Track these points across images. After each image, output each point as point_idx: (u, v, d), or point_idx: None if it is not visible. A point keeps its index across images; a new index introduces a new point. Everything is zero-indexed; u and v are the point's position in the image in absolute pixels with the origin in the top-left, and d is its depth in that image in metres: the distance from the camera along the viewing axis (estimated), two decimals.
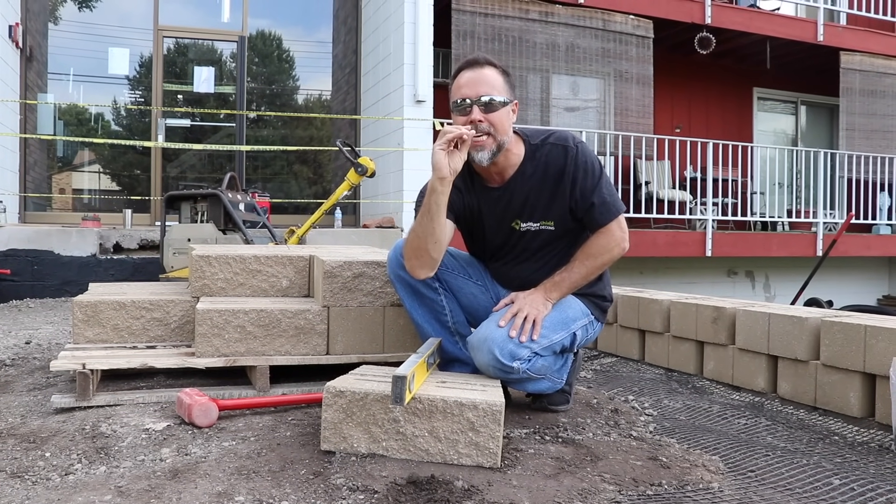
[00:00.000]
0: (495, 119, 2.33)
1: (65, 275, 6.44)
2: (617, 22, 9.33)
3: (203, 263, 2.95)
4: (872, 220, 10.93)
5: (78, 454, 2.03)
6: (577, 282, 2.41)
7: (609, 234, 2.42)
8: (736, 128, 11.84)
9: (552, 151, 2.43)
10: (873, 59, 10.93)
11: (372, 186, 8.87)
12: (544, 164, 2.43)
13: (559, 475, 1.93)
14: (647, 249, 9.19)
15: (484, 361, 2.28)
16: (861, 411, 2.69)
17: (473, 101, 2.33)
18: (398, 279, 2.51)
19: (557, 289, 2.40)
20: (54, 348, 3.78)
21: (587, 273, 2.42)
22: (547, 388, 2.48)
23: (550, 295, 2.39)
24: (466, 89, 2.34)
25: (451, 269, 2.55)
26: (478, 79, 2.34)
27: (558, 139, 2.45)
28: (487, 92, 2.32)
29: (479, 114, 2.32)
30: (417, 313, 2.52)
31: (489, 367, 2.28)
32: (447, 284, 2.53)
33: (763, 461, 2.15)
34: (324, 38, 10.14)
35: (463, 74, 2.37)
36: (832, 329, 2.79)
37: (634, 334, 3.91)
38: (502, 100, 2.34)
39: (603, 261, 2.43)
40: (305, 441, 2.14)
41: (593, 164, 2.42)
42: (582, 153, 2.41)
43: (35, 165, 8.53)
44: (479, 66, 2.36)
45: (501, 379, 2.32)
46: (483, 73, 2.35)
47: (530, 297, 2.37)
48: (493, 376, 2.30)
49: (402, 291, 2.52)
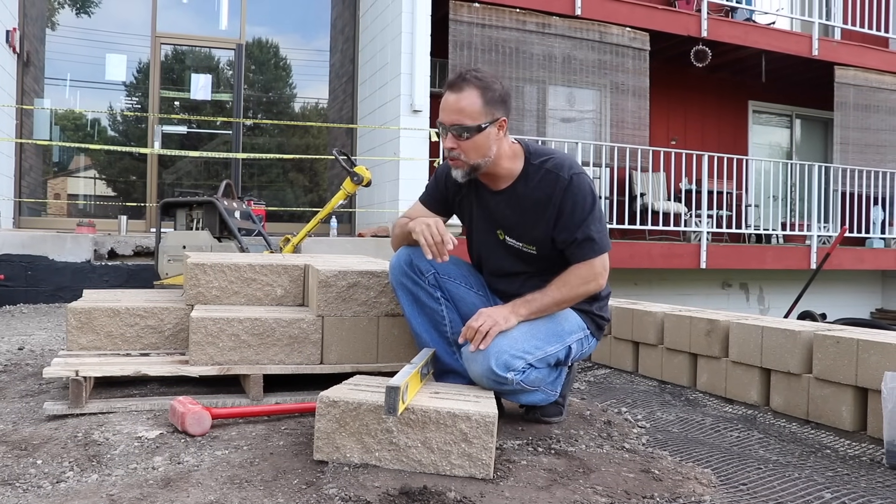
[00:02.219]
0: (467, 146, 2.35)
1: (59, 281, 6.43)
2: (613, 34, 9.38)
3: (198, 271, 2.95)
4: (866, 234, 10.98)
5: (70, 462, 2.02)
6: (548, 305, 2.39)
7: (590, 267, 2.40)
8: (731, 140, 11.88)
9: (545, 178, 2.42)
10: (867, 74, 11.00)
11: (368, 196, 8.88)
12: (534, 188, 2.43)
13: (551, 487, 1.93)
14: (641, 261, 9.21)
15: (478, 372, 2.28)
16: (853, 425, 2.70)
17: (447, 128, 2.36)
18: (401, 286, 2.51)
19: (526, 307, 2.37)
20: (47, 354, 3.77)
21: (560, 299, 2.40)
22: (541, 401, 2.48)
23: (518, 310, 2.36)
24: (444, 114, 2.37)
25: (453, 278, 2.55)
26: (454, 105, 2.34)
27: (554, 166, 2.42)
28: (458, 120, 2.33)
29: (452, 141, 2.36)
30: (417, 321, 2.52)
31: (483, 377, 2.28)
32: (449, 294, 2.54)
33: (755, 474, 2.16)
34: (321, 47, 10.17)
35: (445, 96, 2.38)
36: (825, 343, 2.80)
37: (628, 346, 3.91)
38: (477, 125, 2.33)
39: (577, 292, 2.41)
40: (298, 451, 2.14)
41: (584, 199, 2.39)
42: (574, 185, 2.38)
43: (30, 170, 8.53)
44: (458, 88, 2.35)
45: (496, 390, 2.32)
46: (461, 96, 2.33)
47: (495, 310, 2.37)
48: (488, 387, 2.30)
49: (404, 299, 2.52)
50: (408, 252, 2.50)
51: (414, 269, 2.48)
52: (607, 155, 9.29)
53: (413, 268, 2.48)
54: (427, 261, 2.44)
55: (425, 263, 2.47)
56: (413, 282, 2.48)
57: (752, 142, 12.36)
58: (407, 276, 2.47)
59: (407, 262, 2.48)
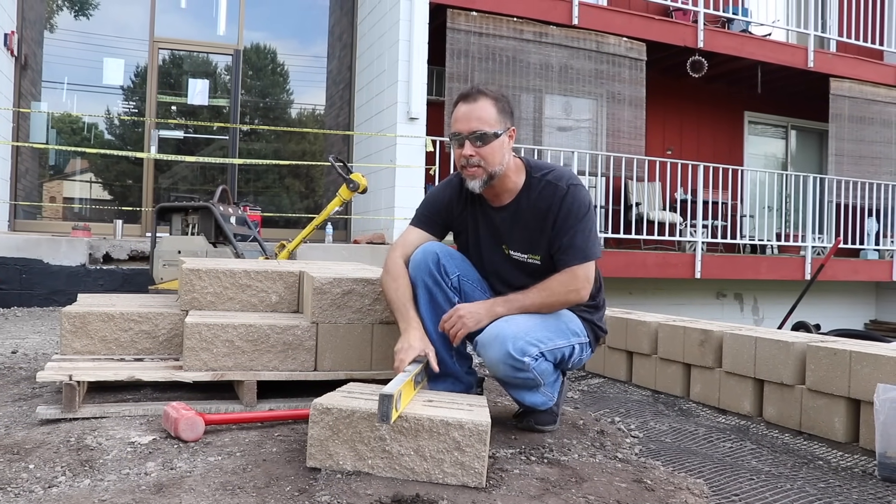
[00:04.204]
0: (486, 152, 2.41)
1: (53, 284, 6.41)
2: (610, 44, 9.41)
3: (193, 277, 2.95)
4: (860, 245, 11.03)
5: (62, 467, 2.02)
6: (527, 306, 2.42)
7: (572, 274, 2.43)
8: (727, 151, 11.92)
9: (546, 189, 2.48)
10: (862, 86, 11.06)
11: (363, 202, 8.88)
12: (536, 199, 2.49)
13: (544, 496, 1.93)
14: (636, 270, 9.23)
15: (496, 357, 2.32)
16: (846, 436, 2.71)
17: (465, 136, 2.41)
18: (421, 283, 2.52)
19: (506, 305, 2.42)
20: (41, 358, 3.76)
21: (540, 303, 2.43)
22: (541, 403, 2.52)
23: (496, 307, 2.41)
24: (460, 124, 2.43)
25: (472, 281, 2.60)
26: (470, 113, 2.42)
27: (554, 177, 2.49)
28: (477, 127, 2.40)
29: (471, 148, 2.41)
30: (428, 319, 2.52)
31: (500, 362, 2.32)
32: (465, 296, 2.56)
33: (747, 485, 2.16)
34: (319, 53, 10.18)
35: (459, 108, 2.45)
36: (818, 354, 2.81)
37: (622, 355, 3.92)
38: (494, 132, 2.41)
39: (557, 299, 2.44)
40: (291, 457, 2.14)
41: (579, 207, 2.45)
42: (571, 195, 2.45)
43: (26, 173, 8.51)
44: (472, 99, 2.43)
45: (509, 378, 2.37)
46: (476, 106, 2.42)
47: (473, 305, 2.42)
48: (503, 374, 2.36)
49: (422, 297, 2.52)
50: (436, 251, 2.53)
51: (440, 270, 2.51)
52: (603, 164, 9.32)
53: (440, 268, 2.51)
54: (455, 263, 2.53)
55: (453, 266, 2.53)
56: (435, 281, 2.50)
57: (748, 152, 12.40)
58: (430, 276, 2.50)
59: (434, 261, 2.51)
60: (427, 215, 2.67)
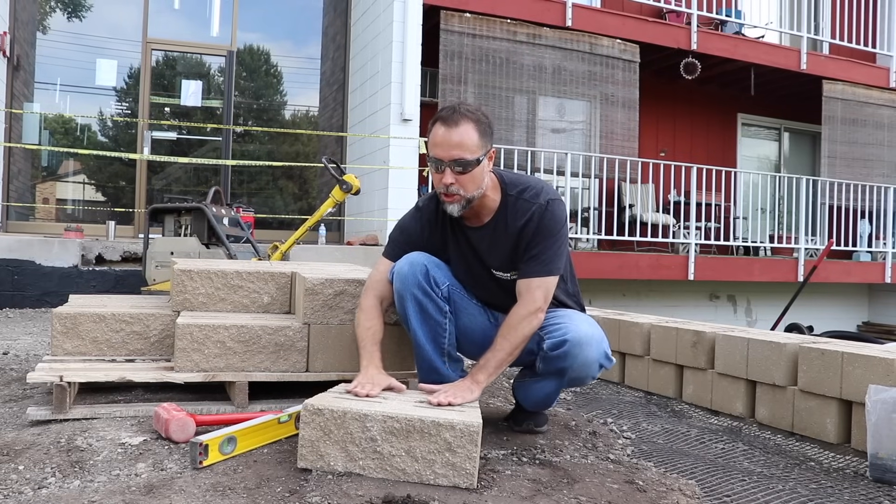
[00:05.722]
0: (465, 180, 2.34)
1: (45, 285, 6.39)
2: (604, 46, 9.43)
3: (185, 278, 2.94)
4: (853, 247, 11.06)
5: (52, 468, 2.01)
6: (502, 359, 2.35)
7: (529, 299, 2.37)
8: (720, 153, 11.95)
9: (522, 207, 2.44)
10: (855, 89, 11.10)
11: (357, 204, 8.88)
12: (513, 217, 2.44)
13: (535, 497, 1.93)
14: (629, 272, 9.24)
15: (593, 356, 2.38)
16: (837, 437, 2.71)
17: (445, 163, 2.34)
18: (411, 297, 2.46)
19: (483, 370, 2.34)
20: (32, 359, 3.75)
21: (511, 348, 2.35)
22: (550, 405, 2.61)
23: (477, 378, 2.33)
24: (440, 150, 2.35)
25: (460, 289, 2.58)
26: (450, 139, 2.33)
27: (531, 196, 2.44)
28: (459, 155, 2.32)
29: (451, 176, 2.34)
30: (421, 332, 2.49)
31: (595, 361, 2.40)
32: (455, 305, 2.55)
33: (739, 486, 2.16)
34: (312, 55, 10.17)
35: (437, 130, 2.37)
36: (810, 355, 2.82)
37: (614, 357, 3.91)
38: (476, 158, 2.34)
39: (524, 332, 2.36)
40: (282, 458, 2.13)
41: (553, 224, 2.41)
42: (548, 212, 2.40)
43: (19, 174, 8.48)
44: (453, 122, 2.34)
45: (589, 376, 2.45)
46: (458, 131, 2.33)
47: (454, 386, 2.33)
48: (590, 373, 2.44)
49: (411, 309, 2.47)
50: (424, 263, 2.48)
51: (430, 281, 2.46)
52: (596, 166, 9.33)
53: (429, 279, 2.46)
54: (443, 273, 2.51)
55: (442, 276, 2.50)
56: (425, 293, 2.45)
57: (741, 154, 12.43)
58: (420, 288, 2.45)
59: (423, 273, 2.46)
60: (401, 245, 2.60)
